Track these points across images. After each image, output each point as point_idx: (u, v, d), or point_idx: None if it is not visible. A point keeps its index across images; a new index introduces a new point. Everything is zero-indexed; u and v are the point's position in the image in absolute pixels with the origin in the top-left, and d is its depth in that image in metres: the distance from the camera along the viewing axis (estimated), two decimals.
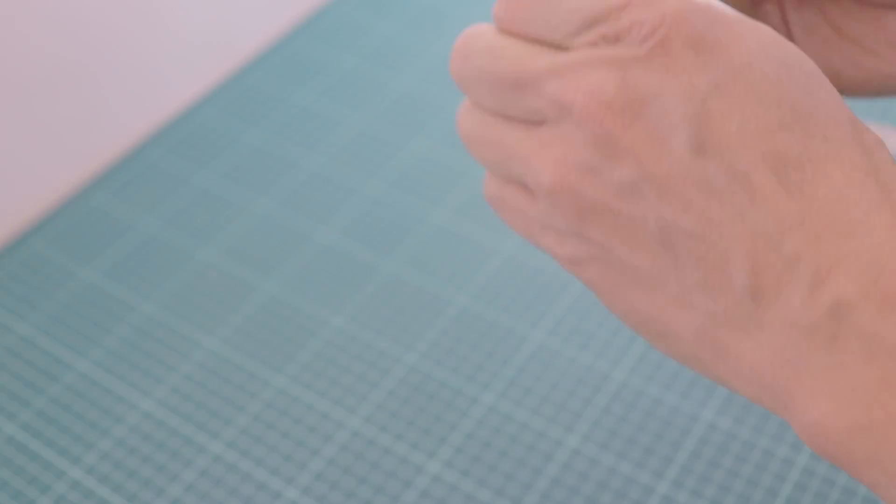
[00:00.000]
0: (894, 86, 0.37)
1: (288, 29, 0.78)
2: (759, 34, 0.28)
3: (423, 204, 0.64)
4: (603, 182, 0.28)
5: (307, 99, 0.72)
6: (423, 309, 0.58)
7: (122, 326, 0.58)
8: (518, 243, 0.61)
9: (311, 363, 0.56)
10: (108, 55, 0.68)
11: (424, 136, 0.68)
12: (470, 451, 0.51)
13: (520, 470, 0.51)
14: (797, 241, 0.25)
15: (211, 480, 0.51)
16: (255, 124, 0.70)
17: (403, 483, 0.50)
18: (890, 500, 0.25)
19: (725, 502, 0.49)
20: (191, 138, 0.70)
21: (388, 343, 0.56)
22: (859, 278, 0.24)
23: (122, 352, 0.57)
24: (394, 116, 0.70)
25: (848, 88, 0.38)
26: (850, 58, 0.37)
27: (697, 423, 0.52)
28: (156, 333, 0.58)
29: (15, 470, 0.52)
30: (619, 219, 0.28)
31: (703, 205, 0.27)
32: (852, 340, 0.25)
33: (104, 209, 0.65)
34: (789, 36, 0.39)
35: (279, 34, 0.79)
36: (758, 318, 0.26)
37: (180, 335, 0.58)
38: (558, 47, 0.30)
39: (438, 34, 0.76)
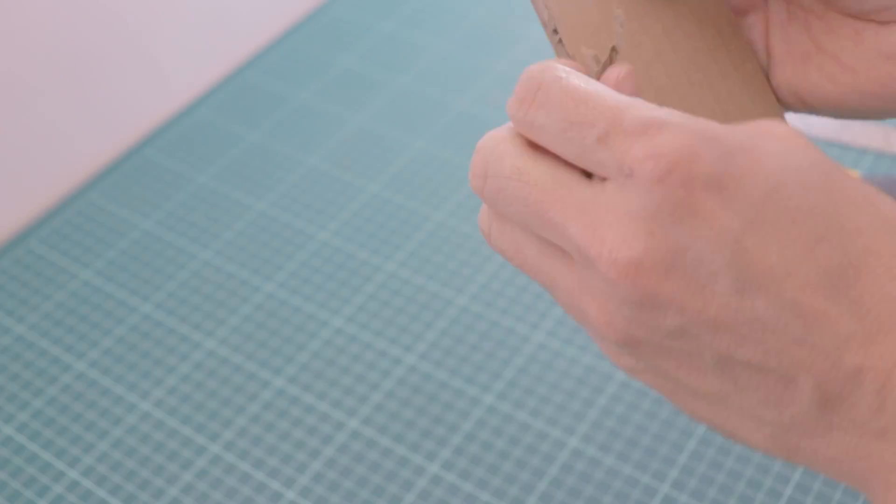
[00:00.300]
0: (869, 106, 0.38)
1: (288, 28, 0.78)
2: (772, 149, 0.27)
3: (424, 204, 0.64)
4: (650, 328, 0.28)
5: (308, 97, 0.72)
6: (422, 309, 0.58)
7: (120, 327, 0.58)
8: None
9: (310, 364, 0.56)
10: (107, 55, 0.68)
11: (425, 136, 0.68)
12: (470, 452, 0.51)
13: (520, 471, 0.50)
14: (855, 351, 0.26)
15: (209, 481, 0.51)
16: (255, 123, 0.70)
17: (403, 484, 0.50)
18: None
19: None
20: (190, 138, 0.69)
21: (388, 344, 0.56)
22: None
23: (120, 352, 0.57)
24: (394, 115, 0.70)
25: (824, 106, 0.38)
26: (828, 73, 0.37)
27: (698, 426, 0.51)
28: (154, 334, 0.58)
29: (12, 471, 0.52)
30: (673, 352, 0.28)
31: (757, 338, 0.27)
32: None
33: (102, 209, 0.65)
34: (768, 49, 0.40)
35: (279, 33, 0.79)
36: (827, 422, 0.27)
37: (179, 336, 0.57)
38: (581, 171, 0.29)
39: (439, 33, 0.76)
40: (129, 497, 0.50)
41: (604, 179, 0.28)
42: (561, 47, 0.34)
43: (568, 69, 0.30)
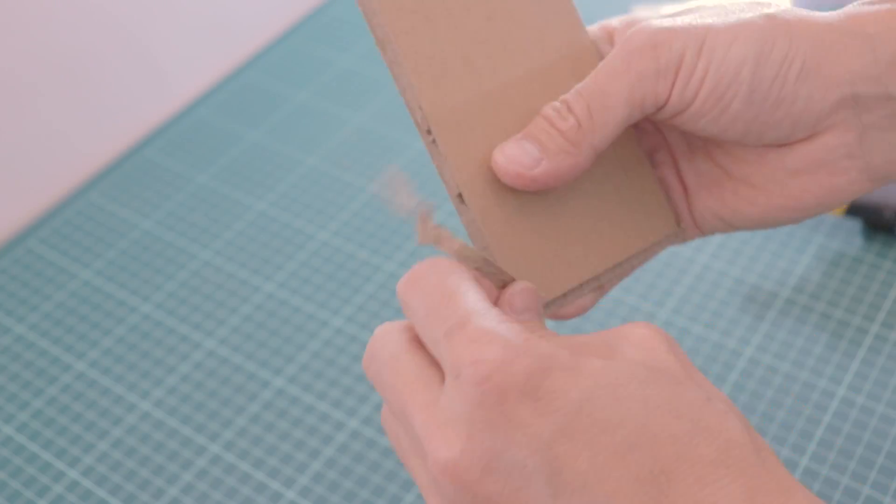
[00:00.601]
0: (790, 217, 0.39)
1: (287, 27, 0.78)
2: (593, 366, 0.29)
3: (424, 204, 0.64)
4: None
5: (307, 97, 0.72)
6: None
7: (120, 327, 0.58)
8: None
9: (310, 364, 0.56)
10: (107, 55, 0.68)
11: None
12: None
13: None
14: None
15: (209, 481, 0.51)
16: (255, 123, 0.70)
17: (403, 484, 0.50)
18: None
19: None
20: (190, 138, 0.69)
21: None
22: None
23: (120, 352, 0.57)
24: (394, 115, 0.70)
25: (748, 224, 0.40)
26: (743, 196, 0.39)
27: None
28: (154, 334, 0.58)
29: (13, 471, 0.52)
30: None
31: None
32: None
33: (102, 209, 0.65)
34: (682, 184, 0.41)
35: (279, 33, 0.79)
36: None
37: (179, 336, 0.57)
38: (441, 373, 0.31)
39: None
40: (129, 497, 0.50)
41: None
42: (434, 147, 0.36)
43: (454, 267, 0.33)
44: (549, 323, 0.57)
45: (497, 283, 0.35)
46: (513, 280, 0.35)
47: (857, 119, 0.36)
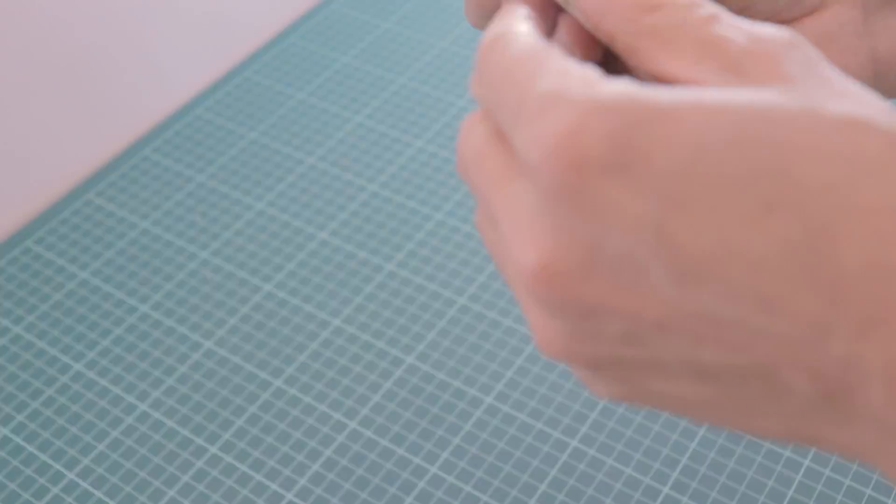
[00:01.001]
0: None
1: (286, 26, 0.78)
2: (695, 104, 0.22)
3: (423, 203, 0.63)
4: (592, 339, 0.24)
5: (306, 96, 0.71)
6: (422, 309, 0.58)
7: (118, 327, 0.58)
8: None
9: (310, 364, 0.55)
10: (105, 54, 0.67)
11: (425, 135, 0.68)
12: (470, 453, 0.51)
13: (520, 473, 0.50)
14: (841, 342, 0.21)
15: (208, 483, 0.51)
16: (254, 122, 0.70)
17: (403, 485, 0.50)
18: None
19: None
20: (188, 137, 0.69)
21: (387, 344, 0.56)
22: None
23: (118, 353, 0.57)
24: (394, 114, 0.70)
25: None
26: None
27: (699, 427, 0.51)
28: (153, 334, 0.57)
29: (10, 472, 0.52)
30: (636, 363, 0.24)
31: (715, 335, 0.23)
32: None
33: (100, 208, 0.65)
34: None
35: (277, 32, 0.79)
36: (842, 413, 0.23)
37: (177, 336, 0.57)
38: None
39: (438, 32, 0.76)
40: (127, 498, 0.50)
41: None
42: None
43: (508, 27, 0.26)
44: None
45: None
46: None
47: None
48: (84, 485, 0.51)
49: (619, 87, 0.22)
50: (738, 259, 0.21)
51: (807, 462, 0.49)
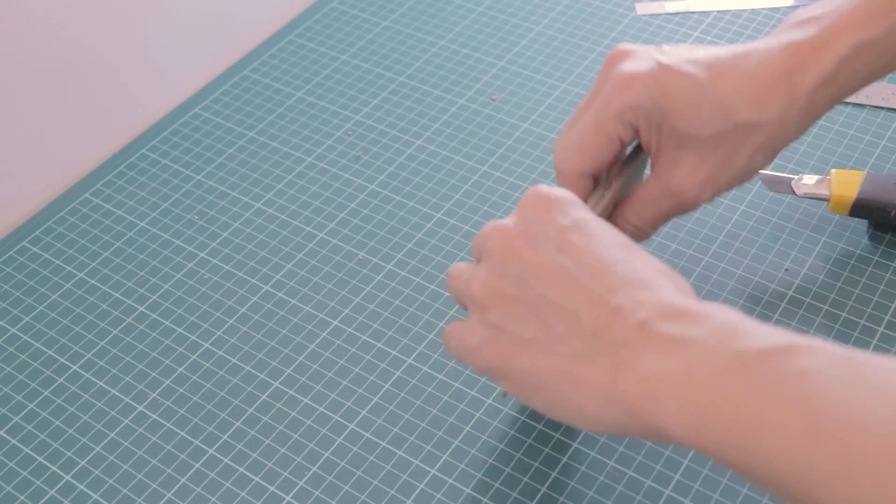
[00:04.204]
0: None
1: (285, 24, 0.78)
2: (597, 220, 0.44)
3: (423, 203, 0.63)
4: (503, 276, 0.43)
5: (305, 95, 0.71)
6: (422, 310, 0.57)
7: (116, 328, 0.58)
8: None
9: (309, 364, 0.55)
10: (102, 53, 0.67)
11: (424, 133, 0.68)
12: (470, 454, 0.51)
13: (521, 474, 0.50)
14: (618, 296, 0.40)
15: (206, 485, 0.50)
16: (253, 121, 0.70)
17: (402, 486, 0.50)
18: (662, 422, 0.38)
19: None
20: (186, 136, 0.69)
21: (387, 344, 0.56)
22: (650, 310, 0.39)
23: (116, 353, 0.56)
24: (394, 113, 0.69)
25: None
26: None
27: None
28: (151, 335, 0.57)
29: (6, 475, 0.51)
30: (509, 301, 0.43)
31: (561, 281, 0.42)
32: (646, 339, 0.39)
33: (99, 208, 0.65)
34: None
35: (276, 30, 0.78)
36: (596, 348, 0.40)
37: (176, 336, 0.57)
38: None
39: (439, 29, 0.76)
40: (124, 499, 0.50)
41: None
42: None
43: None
44: None
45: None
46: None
47: None
48: (81, 487, 0.51)
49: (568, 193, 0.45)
50: (589, 251, 0.42)
51: None
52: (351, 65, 0.73)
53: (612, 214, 0.52)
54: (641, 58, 0.49)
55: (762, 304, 0.56)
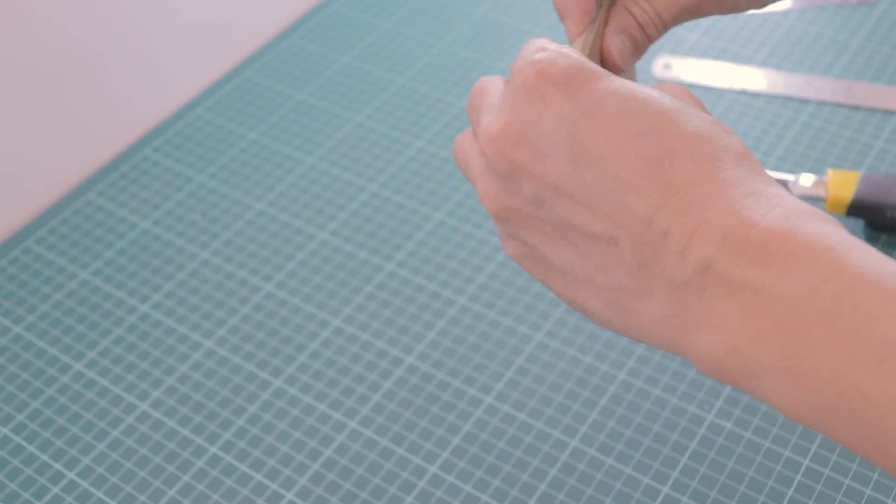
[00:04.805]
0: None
1: (286, 26, 0.78)
2: (615, 76, 0.36)
3: (423, 203, 0.63)
4: (514, 194, 0.37)
5: (306, 96, 0.71)
6: (422, 309, 0.58)
7: (118, 327, 0.58)
8: None
9: (310, 364, 0.55)
10: (104, 54, 0.67)
11: (425, 135, 0.68)
12: (470, 453, 0.51)
13: (520, 472, 0.50)
14: (663, 219, 0.32)
15: (208, 483, 0.51)
16: (253, 122, 0.70)
17: (402, 485, 0.50)
18: (765, 398, 0.31)
19: None
20: (188, 137, 0.69)
21: (387, 344, 0.56)
22: (712, 240, 0.31)
23: (118, 353, 0.57)
24: (394, 114, 0.70)
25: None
26: None
27: (700, 427, 0.51)
28: (153, 334, 0.57)
29: (10, 472, 0.52)
30: (533, 221, 0.37)
31: (587, 203, 0.34)
32: (715, 286, 0.31)
33: (101, 209, 0.65)
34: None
35: (277, 32, 0.79)
36: (647, 283, 0.33)
37: (177, 336, 0.57)
38: None
39: (438, 32, 0.76)
40: (127, 498, 0.50)
41: None
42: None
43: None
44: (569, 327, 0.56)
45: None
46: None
47: None
48: (84, 484, 0.51)
49: (582, 58, 0.36)
50: (614, 156, 0.33)
51: (806, 462, 0.49)
52: (352, 67, 0.73)
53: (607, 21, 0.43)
54: None
55: None
